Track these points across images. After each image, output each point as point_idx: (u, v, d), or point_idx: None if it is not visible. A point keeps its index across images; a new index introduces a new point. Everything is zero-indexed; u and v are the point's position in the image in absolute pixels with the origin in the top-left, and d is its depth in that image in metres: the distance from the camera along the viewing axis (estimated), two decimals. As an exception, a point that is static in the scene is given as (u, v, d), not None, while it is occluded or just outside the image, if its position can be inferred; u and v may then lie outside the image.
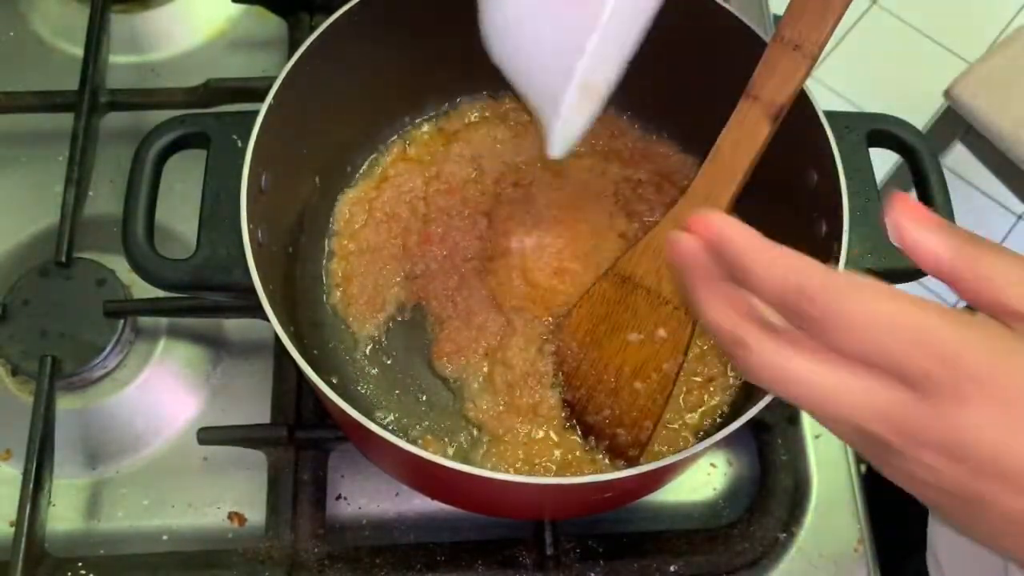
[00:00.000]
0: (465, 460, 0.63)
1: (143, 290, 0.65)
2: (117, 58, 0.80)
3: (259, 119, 0.56)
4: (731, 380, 0.67)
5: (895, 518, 0.71)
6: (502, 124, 0.75)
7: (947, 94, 1.38)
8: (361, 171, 0.73)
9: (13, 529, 0.60)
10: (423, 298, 0.69)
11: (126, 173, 0.57)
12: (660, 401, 0.62)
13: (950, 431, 0.31)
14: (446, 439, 0.64)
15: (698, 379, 0.67)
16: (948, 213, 0.58)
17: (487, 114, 0.76)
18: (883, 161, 0.69)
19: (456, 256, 0.70)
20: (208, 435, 0.64)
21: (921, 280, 0.56)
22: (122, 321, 0.67)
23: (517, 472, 0.63)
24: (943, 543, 0.65)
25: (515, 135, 0.75)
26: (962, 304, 0.37)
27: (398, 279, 0.70)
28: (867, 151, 0.60)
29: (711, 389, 0.66)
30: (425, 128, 0.75)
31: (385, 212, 0.72)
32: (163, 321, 0.69)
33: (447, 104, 0.76)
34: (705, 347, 0.67)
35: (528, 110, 0.75)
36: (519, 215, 0.72)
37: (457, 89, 0.75)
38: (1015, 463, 0.31)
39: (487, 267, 0.70)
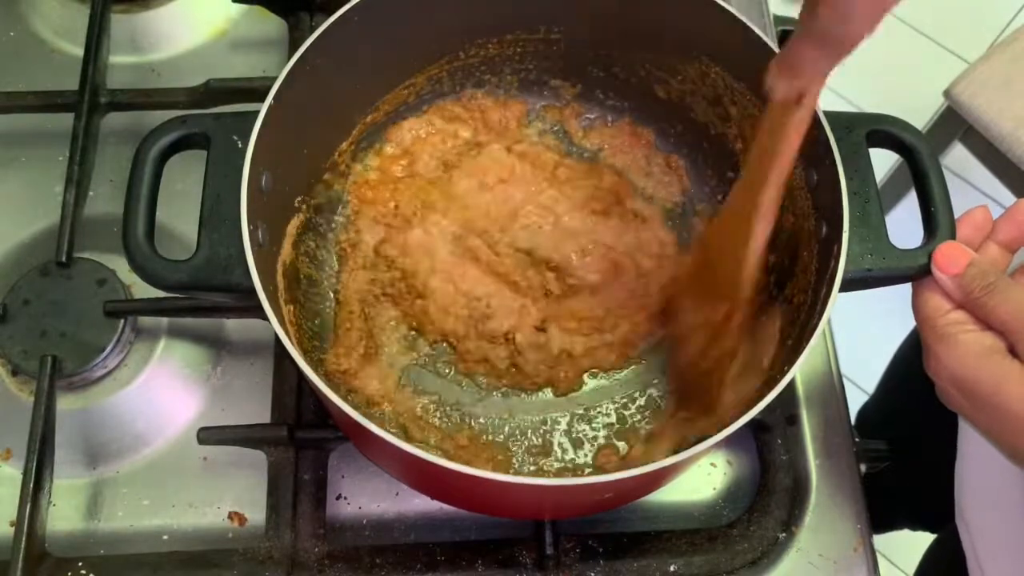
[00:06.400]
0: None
1: (143, 290, 0.65)
2: (117, 58, 0.80)
3: (259, 119, 0.56)
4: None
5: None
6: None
7: (947, 94, 1.38)
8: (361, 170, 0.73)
9: (13, 529, 0.60)
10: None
11: (126, 173, 0.57)
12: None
13: None
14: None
15: (698, 379, 0.66)
16: (948, 213, 0.58)
17: (489, 113, 0.76)
18: (883, 161, 0.69)
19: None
20: (208, 435, 0.64)
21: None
22: (122, 321, 0.67)
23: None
24: (970, 505, 0.66)
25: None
26: None
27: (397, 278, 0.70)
28: (867, 151, 0.60)
29: (711, 389, 0.66)
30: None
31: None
32: (163, 321, 0.69)
33: (448, 103, 0.75)
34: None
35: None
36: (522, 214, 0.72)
37: (457, 88, 0.75)
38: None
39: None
